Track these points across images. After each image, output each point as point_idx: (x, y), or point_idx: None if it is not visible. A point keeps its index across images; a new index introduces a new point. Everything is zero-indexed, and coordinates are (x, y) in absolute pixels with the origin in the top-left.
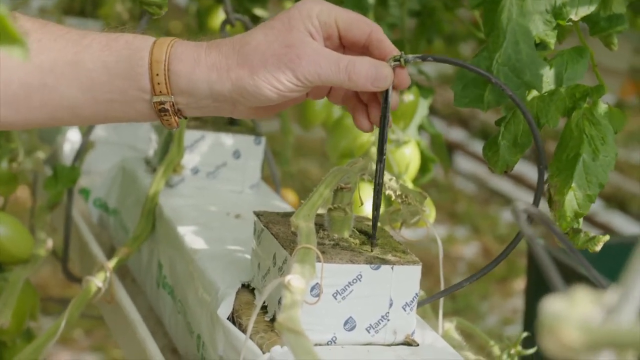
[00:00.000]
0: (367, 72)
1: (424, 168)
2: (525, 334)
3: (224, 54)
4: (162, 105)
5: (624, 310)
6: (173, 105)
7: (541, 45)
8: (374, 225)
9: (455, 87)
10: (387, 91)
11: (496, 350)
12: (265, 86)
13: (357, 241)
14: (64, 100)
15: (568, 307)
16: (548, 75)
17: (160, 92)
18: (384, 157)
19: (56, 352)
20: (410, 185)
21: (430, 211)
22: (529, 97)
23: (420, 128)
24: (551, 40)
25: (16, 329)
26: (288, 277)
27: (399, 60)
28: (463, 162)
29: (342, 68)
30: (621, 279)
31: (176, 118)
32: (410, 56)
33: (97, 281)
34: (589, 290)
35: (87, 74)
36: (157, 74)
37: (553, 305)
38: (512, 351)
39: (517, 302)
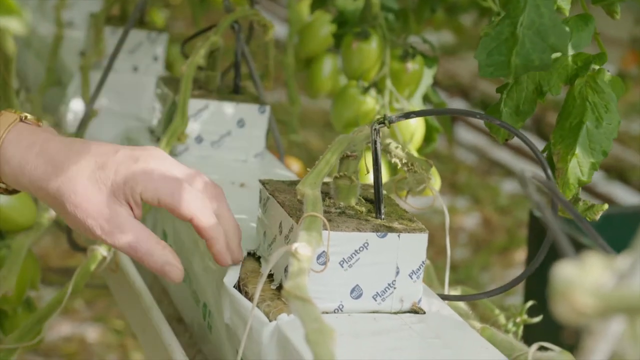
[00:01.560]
0: (157, 261)
1: (428, 137)
2: (530, 303)
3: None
4: None
5: (635, 276)
6: (5, 189)
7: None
8: (378, 193)
9: (479, 56)
10: (376, 151)
11: (502, 319)
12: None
13: (364, 209)
14: None
15: (579, 272)
16: None
17: None
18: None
19: (57, 322)
20: (415, 154)
21: (435, 180)
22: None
23: (425, 98)
24: (566, 6)
25: (17, 298)
26: (295, 245)
27: (384, 122)
28: (464, 133)
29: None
30: (633, 244)
31: (12, 194)
32: (393, 116)
33: (102, 250)
34: (599, 257)
35: None
36: None
37: (564, 271)
38: (518, 320)
39: (518, 273)
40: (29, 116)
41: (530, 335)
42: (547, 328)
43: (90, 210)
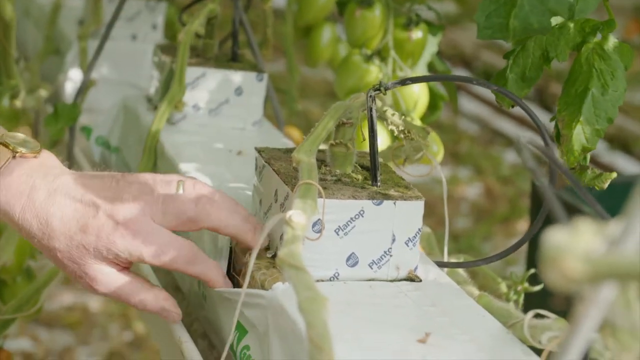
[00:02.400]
0: (152, 308)
1: (433, 105)
2: (531, 271)
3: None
4: None
5: (626, 242)
6: None
7: None
8: (374, 160)
9: (478, 18)
10: (372, 118)
11: (503, 287)
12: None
13: (360, 177)
14: None
15: (570, 239)
16: None
17: None
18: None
19: (59, 292)
20: (418, 122)
21: (438, 149)
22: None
23: (430, 66)
24: None
25: (17, 267)
26: (289, 213)
27: (379, 89)
28: (466, 103)
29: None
30: (624, 210)
31: None
32: (389, 83)
33: None
34: (591, 223)
35: None
36: None
37: (555, 237)
38: (519, 288)
39: None
40: (23, 150)
41: (531, 305)
42: (548, 297)
43: (76, 270)
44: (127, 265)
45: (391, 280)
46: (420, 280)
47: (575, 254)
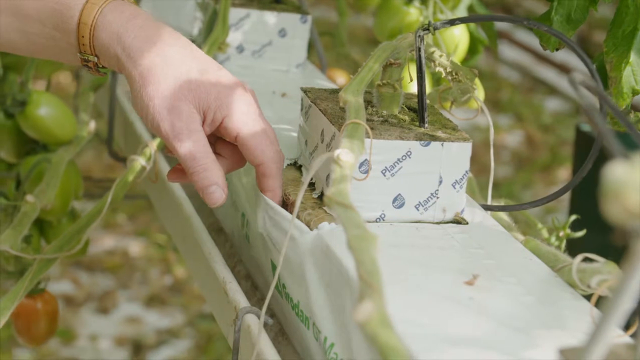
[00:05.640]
0: (208, 178)
1: (472, 49)
2: (573, 217)
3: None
4: (86, 63)
5: None
6: (96, 64)
7: None
8: (422, 101)
9: None
10: (420, 58)
11: (544, 233)
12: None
13: (407, 118)
14: (2, 39)
15: (631, 173)
16: None
17: (85, 51)
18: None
19: (100, 236)
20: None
21: (479, 92)
22: None
23: (470, 9)
24: None
25: (61, 208)
26: (337, 151)
27: (428, 29)
28: (507, 51)
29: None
30: None
31: (99, 73)
32: (438, 23)
33: (141, 160)
34: None
35: (25, 19)
36: (83, 36)
37: (616, 172)
38: (561, 234)
39: None
40: None
41: (572, 252)
42: (590, 245)
43: (168, 102)
44: (208, 130)
45: (437, 223)
46: (467, 223)
47: (637, 187)
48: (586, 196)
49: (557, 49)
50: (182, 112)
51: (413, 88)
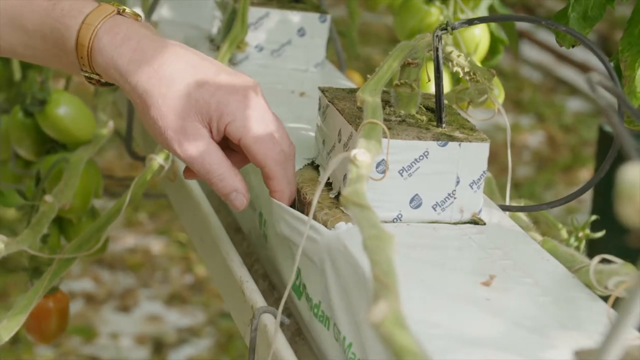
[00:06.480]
0: (227, 186)
1: (493, 49)
2: (593, 217)
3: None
4: (89, 79)
5: None
6: (98, 80)
7: None
8: (439, 101)
9: None
10: (438, 58)
11: (563, 233)
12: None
13: (424, 118)
14: (7, 45)
15: None
16: None
17: (87, 70)
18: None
19: (122, 234)
20: (478, 64)
21: (500, 93)
22: None
23: (490, 9)
24: None
25: (81, 207)
26: (354, 151)
27: (446, 29)
28: (529, 50)
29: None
30: None
31: (104, 87)
32: (456, 23)
33: (159, 159)
34: None
35: (26, 34)
36: (82, 57)
37: (631, 173)
38: (580, 234)
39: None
40: (127, 10)
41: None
42: (610, 246)
43: (173, 122)
44: (217, 139)
45: (454, 223)
46: (484, 224)
47: None
48: (607, 197)
49: (573, 46)
50: (187, 130)
51: (431, 88)
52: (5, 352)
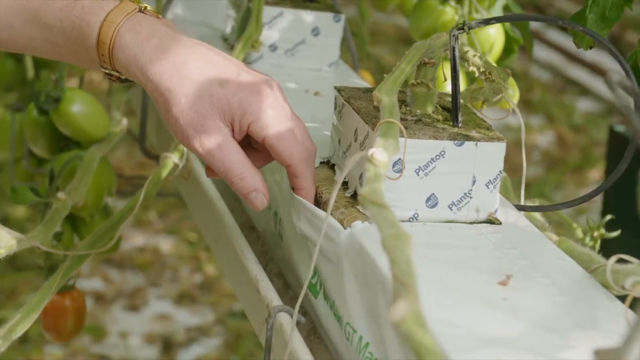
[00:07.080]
0: (247, 186)
1: (508, 49)
2: (608, 217)
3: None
4: (109, 76)
5: None
6: (118, 77)
7: None
8: (456, 100)
9: None
10: (454, 58)
11: (578, 233)
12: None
13: (440, 117)
14: (30, 42)
15: None
16: None
17: (107, 67)
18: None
19: (131, 233)
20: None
21: (514, 93)
22: None
23: (505, 8)
24: None
25: (94, 205)
26: (371, 150)
27: (463, 28)
28: (539, 51)
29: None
30: None
31: (123, 83)
32: (472, 22)
33: (174, 158)
34: None
35: (48, 31)
36: (103, 54)
37: None
38: (595, 234)
39: None
40: (148, 7)
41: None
42: (624, 245)
43: (194, 121)
44: (238, 138)
45: (470, 223)
46: (500, 223)
47: None
48: (620, 197)
49: (590, 47)
50: (208, 129)
51: (447, 87)
52: (14, 350)
